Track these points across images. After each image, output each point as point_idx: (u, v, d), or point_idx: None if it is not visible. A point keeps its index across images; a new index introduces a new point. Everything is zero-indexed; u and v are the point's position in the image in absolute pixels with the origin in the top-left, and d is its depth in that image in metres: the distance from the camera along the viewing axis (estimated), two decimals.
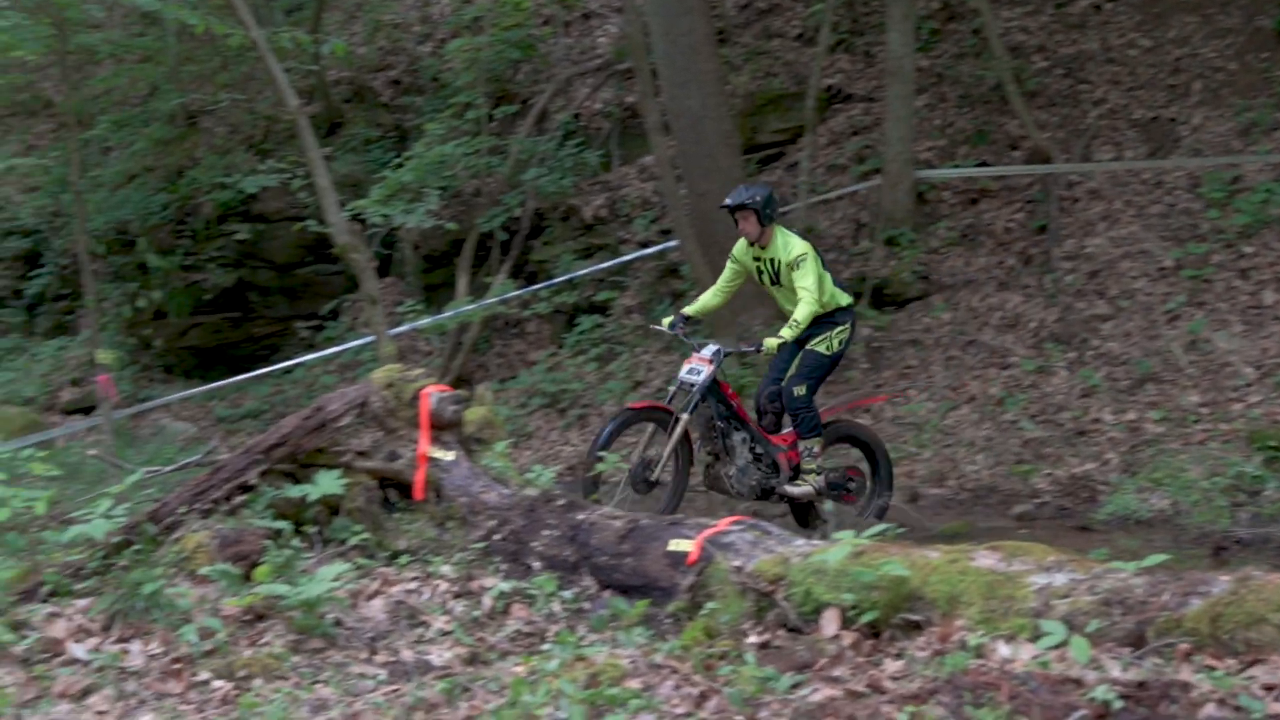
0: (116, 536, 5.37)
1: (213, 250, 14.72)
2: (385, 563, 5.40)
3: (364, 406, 5.75)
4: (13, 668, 4.75)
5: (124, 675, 4.63)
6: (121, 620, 4.97)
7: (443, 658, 4.61)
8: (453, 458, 5.61)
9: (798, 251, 8.16)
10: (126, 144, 15.70)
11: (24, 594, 5.27)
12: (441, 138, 12.07)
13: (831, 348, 8.35)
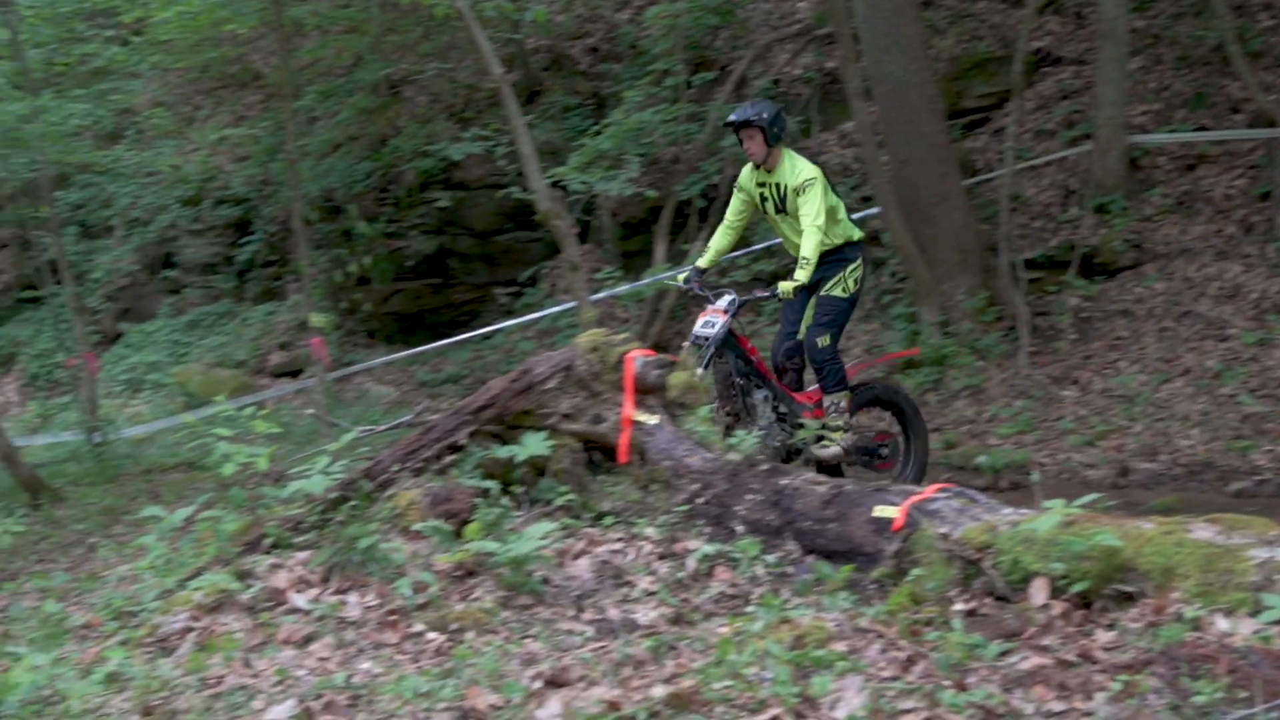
0: (334, 492, 5.57)
1: (414, 218, 15.01)
2: (590, 523, 5.49)
3: (569, 370, 5.84)
4: (240, 615, 4.97)
5: (343, 625, 4.81)
6: (339, 572, 5.15)
7: (648, 617, 4.68)
8: (656, 422, 5.67)
9: (805, 175, 7.57)
10: (332, 114, 16.08)
11: (248, 545, 5.51)
12: (640, 105, 12.13)
13: (848, 289, 7.85)
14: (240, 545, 5.54)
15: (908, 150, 10.52)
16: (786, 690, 3.63)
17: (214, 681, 4.43)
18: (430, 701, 4.04)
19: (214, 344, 16.47)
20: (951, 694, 3.53)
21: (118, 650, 4.84)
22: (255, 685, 4.38)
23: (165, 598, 5.27)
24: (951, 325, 10.05)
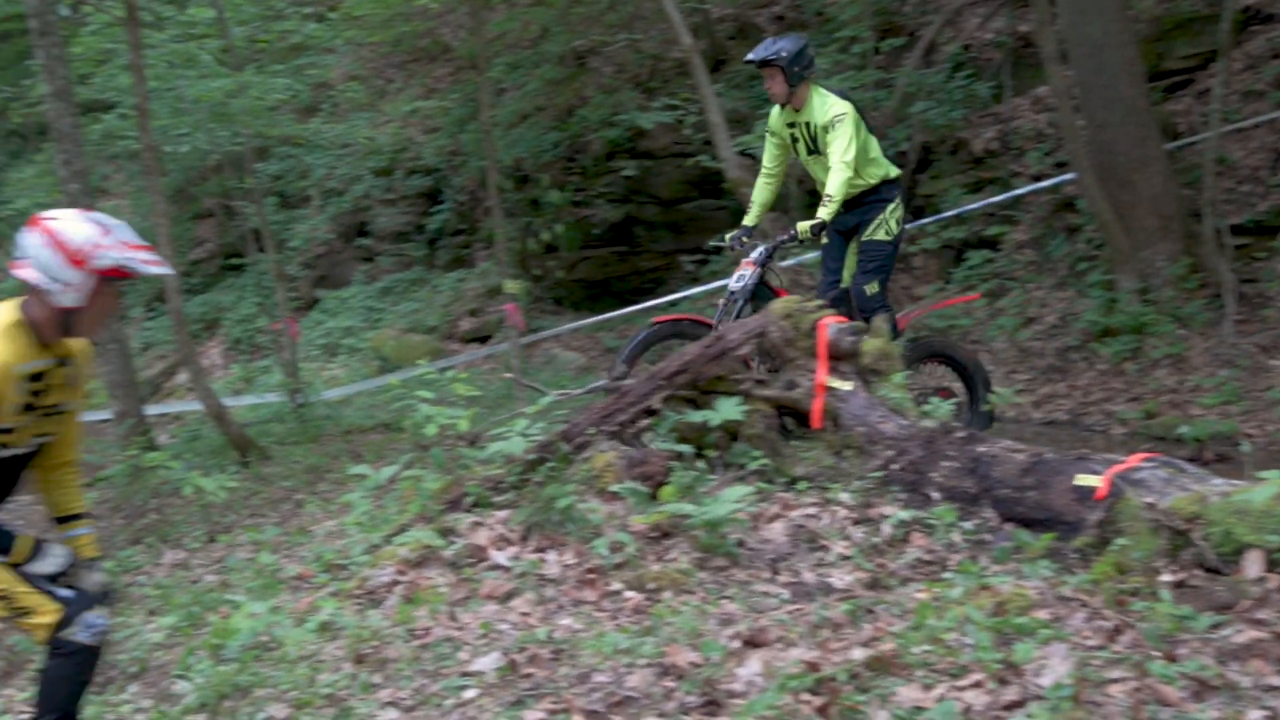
0: (532, 454, 5.69)
1: (601, 186, 15.13)
2: (784, 488, 5.52)
3: (762, 336, 5.88)
4: (443, 570, 5.12)
5: (542, 582, 4.92)
6: (538, 531, 5.26)
7: (844, 581, 4.70)
8: (850, 388, 5.66)
9: (835, 111, 7.12)
10: (520, 85, 16.31)
11: (449, 504, 5.66)
12: (826, 73, 12.05)
13: (891, 231, 7.42)
14: (442, 503, 5.69)
15: (1105, 114, 10.24)
16: (989, 656, 3.63)
17: (421, 633, 4.58)
18: (630, 657, 4.13)
19: (406, 310, 16.82)
20: (1161, 665, 3.48)
21: (329, 601, 5.03)
22: (461, 637, 4.51)
23: (372, 552, 5.45)
24: (1151, 293, 9.76)
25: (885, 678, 3.70)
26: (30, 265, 3.77)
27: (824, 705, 3.55)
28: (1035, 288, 10.93)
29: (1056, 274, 10.48)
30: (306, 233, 18.49)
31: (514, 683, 4.10)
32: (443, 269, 17.57)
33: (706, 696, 3.82)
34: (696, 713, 3.76)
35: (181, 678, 4.90)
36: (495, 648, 4.38)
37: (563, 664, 4.20)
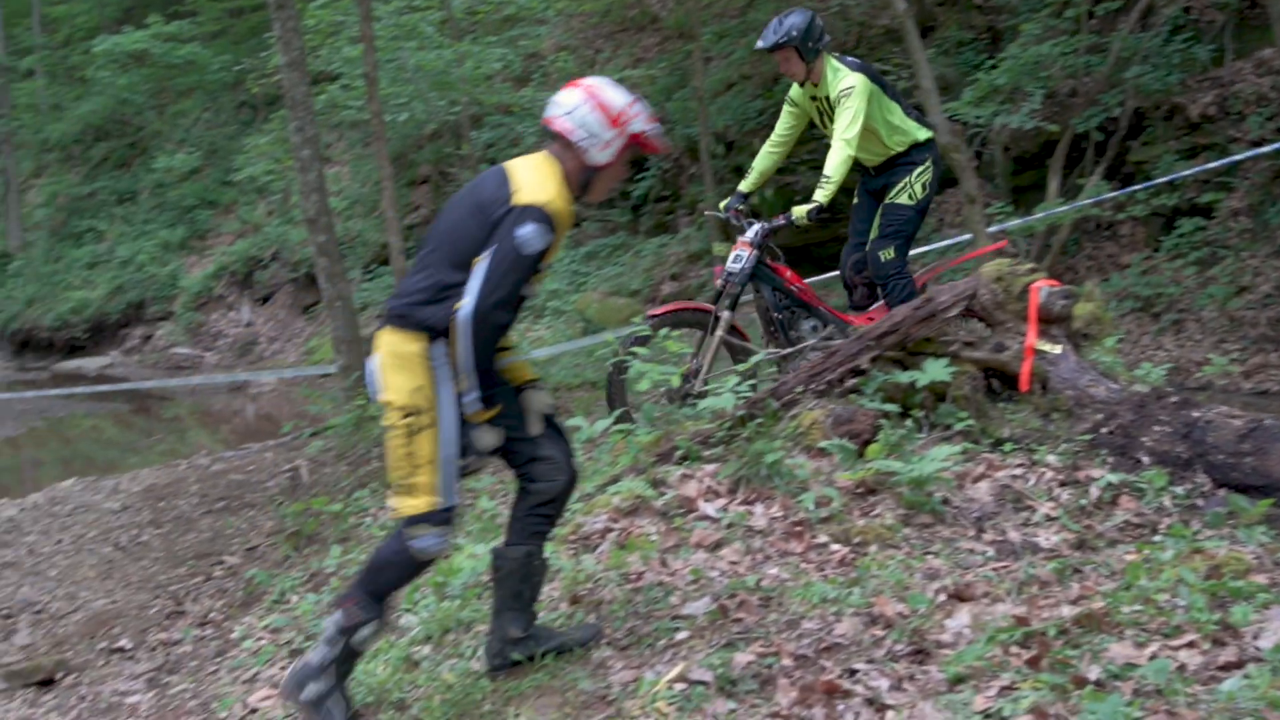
0: (741, 410, 5.77)
1: (804, 154, 15.06)
2: (990, 449, 5.50)
3: (972, 298, 5.87)
4: (654, 519, 5.23)
5: (750, 533, 5.00)
6: (745, 485, 5.34)
7: (1050, 541, 4.68)
8: (1060, 351, 5.62)
9: (844, 84, 6.80)
10: (726, 54, 16.36)
11: (660, 456, 5.77)
12: (1037, 38, 11.84)
13: (914, 196, 7.05)
14: (653, 456, 5.81)
15: None
16: (1204, 617, 3.61)
17: (634, 577, 4.70)
18: (838, 606, 4.19)
19: (610, 274, 17.01)
20: None
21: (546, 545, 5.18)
22: (672, 583, 4.62)
23: (585, 501, 5.59)
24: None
25: (1095, 634, 3.70)
26: (569, 121, 4.04)
27: (1034, 658, 3.57)
28: (1250, 256, 10.59)
29: (1274, 242, 10.14)
30: None
31: (724, 626, 4.19)
32: (645, 234, 17.70)
33: (915, 645, 3.87)
34: (905, 660, 3.81)
35: (408, 612, 5.11)
36: (705, 593, 4.48)
37: (771, 611, 4.28)
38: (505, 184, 4.00)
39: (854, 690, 3.66)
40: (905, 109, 7.10)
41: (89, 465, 13.56)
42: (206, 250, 24.94)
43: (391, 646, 4.78)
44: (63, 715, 5.81)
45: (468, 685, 4.25)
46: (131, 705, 5.68)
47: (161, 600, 7.17)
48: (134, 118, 28.92)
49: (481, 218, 3.98)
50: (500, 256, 3.90)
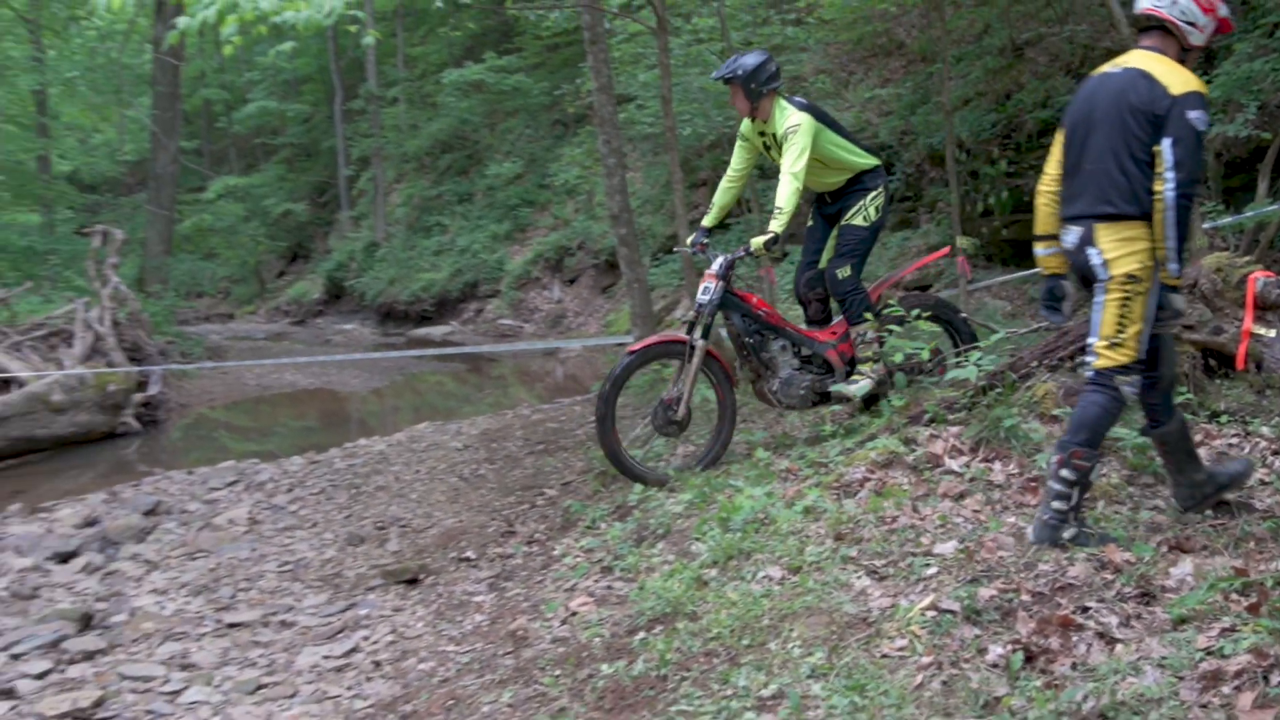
0: (983, 381, 5.62)
1: (1033, 160, 14.59)
2: (1207, 420, 5.25)
3: (1193, 286, 5.58)
4: (905, 471, 5.13)
5: (990, 486, 4.87)
6: (985, 445, 5.20)
7: (1264, 503, 4.44)
8: (1274, 335, 5.32)
9: (790, 122, 6.36)
10: (962, 75, 15.92)
11: (911, 418, 5.67)
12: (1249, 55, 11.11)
13: (869, 218, 6.59)
14: (904, 418, 5.71)
15: None
16: None
17: (889, 520, 4.63)
18: (1071, 552, 4.05)
19: None
20: None
21: (813, 490, 5.14)
22: (922, 525, 4.53)
23: (846, 454, 5.53)
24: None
25: None
26: (1173, 10, 4.11)
27: (1253, 605, 3.37)
28: None
29: None
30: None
31: (969, 565, 4.09)
32: (889, 229, 17.41)
33: (1141, 589, 3.71)
34: (1133, 601, 3.65)
35: (698, 540, 5.14)
36: (952, 536, 4.38)
37: (1011, 554, 4.16)
38: (1154, 83, 4.03)
39: (1086, 624, 3.53)
40: (853, 141, 6.72)
41: (434, 412, 14.08)
42: (526, 240, 25.59)
43: (685, 568, 4.82)
44: (426, 607, 6.06)
45: (749, 603, 4.25)
46: (478, 603, 5.87)
47: (496, 522, 7.39)
48: (471, 134, 29.84)
49: (1141, 117, 4.04)
50: (1185, 142, 3.94)
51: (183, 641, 5.96)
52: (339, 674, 5.28)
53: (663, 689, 3.87)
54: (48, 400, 12.83)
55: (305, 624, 6.10)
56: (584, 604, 5.02)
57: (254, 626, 6.14)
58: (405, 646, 5.47)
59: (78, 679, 5.49)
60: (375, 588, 6.58)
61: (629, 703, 3.86)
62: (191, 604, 6.62)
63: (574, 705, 3.98)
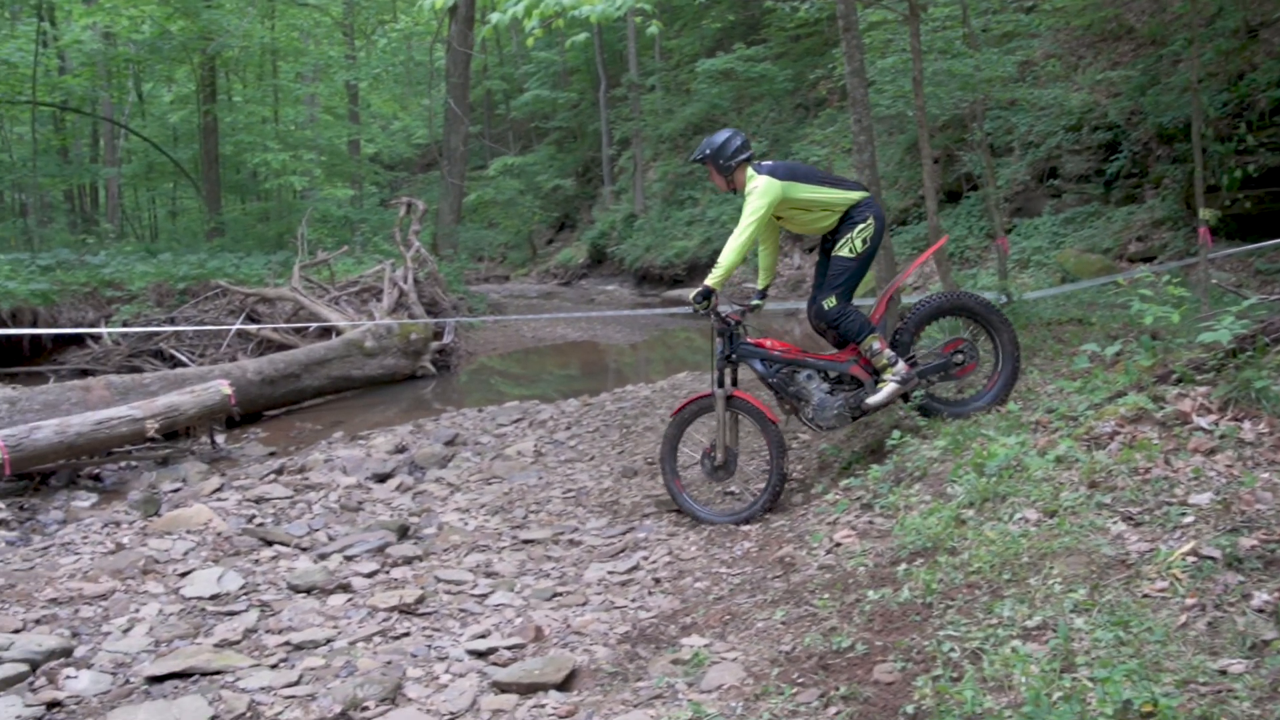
0: (1232, 344, 5.25)
1: (1264, 138, 13.55)
2: None
3: None
4: (1154, 427, 4.85)
5: (1240, 444, 4.55)
6: (1234, 405, 4.85)
7: None
8: None
9: (751, 185, 6.14)
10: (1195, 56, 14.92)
11: (1159, 378, 5.35)
12: None
13: (855, 250, 6.21)
14: (1152, 377, 5.39)
15: None
16: None
17: (1142, 470, 4.39)
18: None
19: (1084, 235, 16.03)
20: None
21: (1065, 440, 4.92)
22: (1175, 477, 4.28)
23: (1095, 409, 5.27)
24: None
25: None
26: None
27: None
28: None
29: None
30: (1008, 175, 17.97)
31: (1227, 515, 3.84)
32: (1115, 204, 16.52)
33: None
34: None
35: (953, 483, 5.01)
36: (1207, 488, 4.12)
37: (1269, 507, 3.88)
38: None
39: None
40: (833, 183, 6.35)
41: (684, 364, 14.20)
42: None
43: (942, 508, 4.70)
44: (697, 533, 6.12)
45: (1007, 542, 4.11)
46: (744, 532, 5.91)
47: (755, 461, 7.38)
48: (720, 117, 29.79)
49: None
50: None
51: (485, 553, 6.20)
52: (623, 587, 5.39)
53: (928, 615, 3.79)
54: (361, 346, 13.53)
55: (590, 543, 6.25)
56: (847, 536, 4.97)
57: (545, 544, 6.33)
58: (681, 567, 5.54)
59: (400, 579, 5.79)
60: (650, 515, 6.68)
61: (896, 626, 3.79)
62: (490, 522, 6.87)
63: (844, 625, 3.95)
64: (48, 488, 8.51)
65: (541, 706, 3.93)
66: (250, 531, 6.82)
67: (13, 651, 4.85)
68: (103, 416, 8.81)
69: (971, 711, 3.03)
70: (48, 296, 15.09)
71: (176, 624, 5.26)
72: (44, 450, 8.31)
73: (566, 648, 4.56)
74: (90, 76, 25.97)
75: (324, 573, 5.89)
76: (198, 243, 24.12)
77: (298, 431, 10.99)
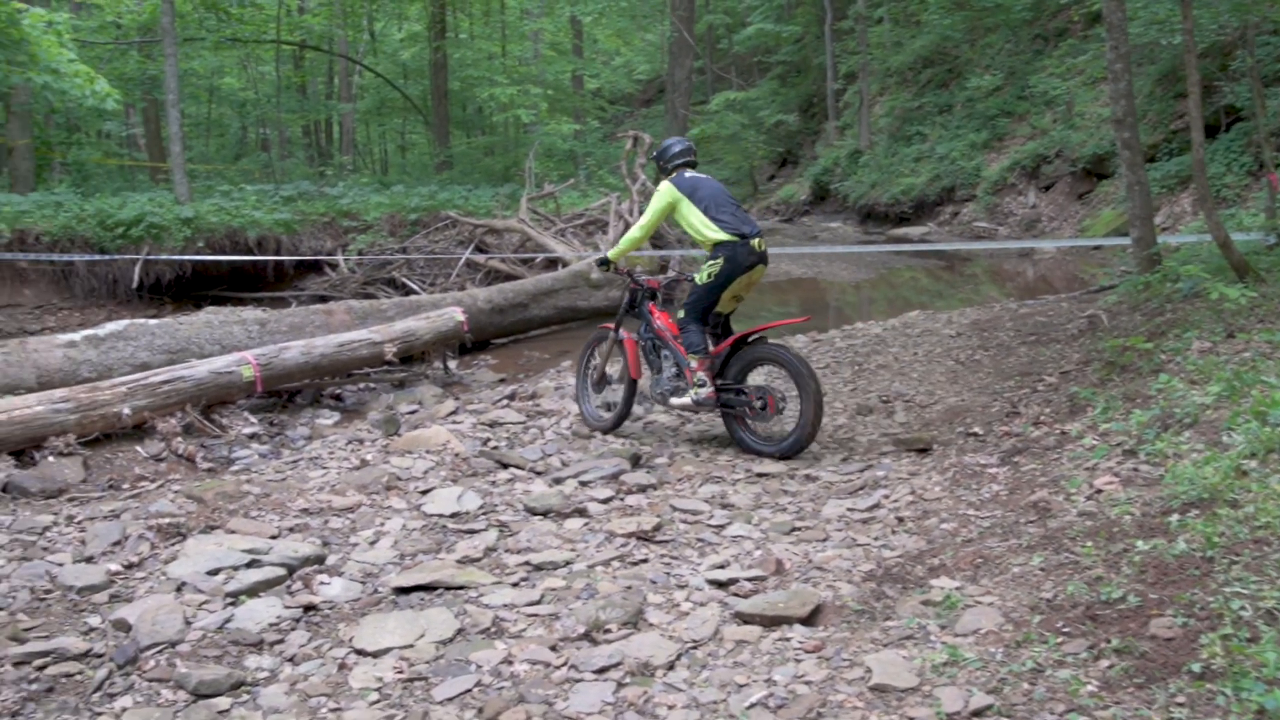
0: None
1: None
2: None
3: None
4: None
5: None
6: None
7: None
8: None
9: (657, 187, 7.30)
10: None
11: None
12: None
13: (703, 278, 6.98)
14: None
15: None
16: None
17: None
18: None
19: None
20: None
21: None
22: None
23: None
24: None
25: None
26: None
27: None
28: None
29: None
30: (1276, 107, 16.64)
31: None
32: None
33: None
34: None
35: (1230, 430, 4.66)
36: None
37: None
38: None
39: None
40: (716, 217, 6.99)
41: (909, 305, 13.80)
42: (1003, 149, 24.34)
43: (1218, 458, 4.38)
44: (941, 474, 5.93)
45: None
46: (991, 474, 5.67)
47: (999, 403, 7.11)
48: (952, 49, 28.70)
49: None
50: None
51: (719, 485, 6.19)
52: (865, 525, 5.28)
53: (1209, 570, 3.53)
54: (588, 278, 13.72)
55: (827, 479, 6.15)
56: (1109, 483, 4.70)
57: (780, 478, 6.27)
58: (925, 507, 5.37)
59: (635, 506, 5.84)
60: (888, 453, 6.52)
61: (1173, 579, 3.56)
62: (721, 455, 6.86)
63: (1111, 575, 3.73)
64: (294, 405, 9.00)
65: (786, 640, 3.88)
66: (486, 454, 7.02)
67: (271, 556, 5.15)
68: (344, 339, 9.24)
69: (1274, 675, 2.80)
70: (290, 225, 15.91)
71: (419, 539, 5.46)
72: (291, 370, 8.78)
73: (809, 583, 4.49)
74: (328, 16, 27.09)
75: (559, 497, 6.01)
76: (427, 175, 24.97)
77: (525, 359, 11.27)
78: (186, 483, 6.76)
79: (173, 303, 14.09)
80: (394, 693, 3.72)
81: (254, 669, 3.97)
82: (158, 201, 15.67)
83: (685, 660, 3.81)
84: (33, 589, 4.85)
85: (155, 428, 7.69)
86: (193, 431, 7.88)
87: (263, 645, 4.20)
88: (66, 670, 4.00)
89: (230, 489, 6.35)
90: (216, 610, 4.53)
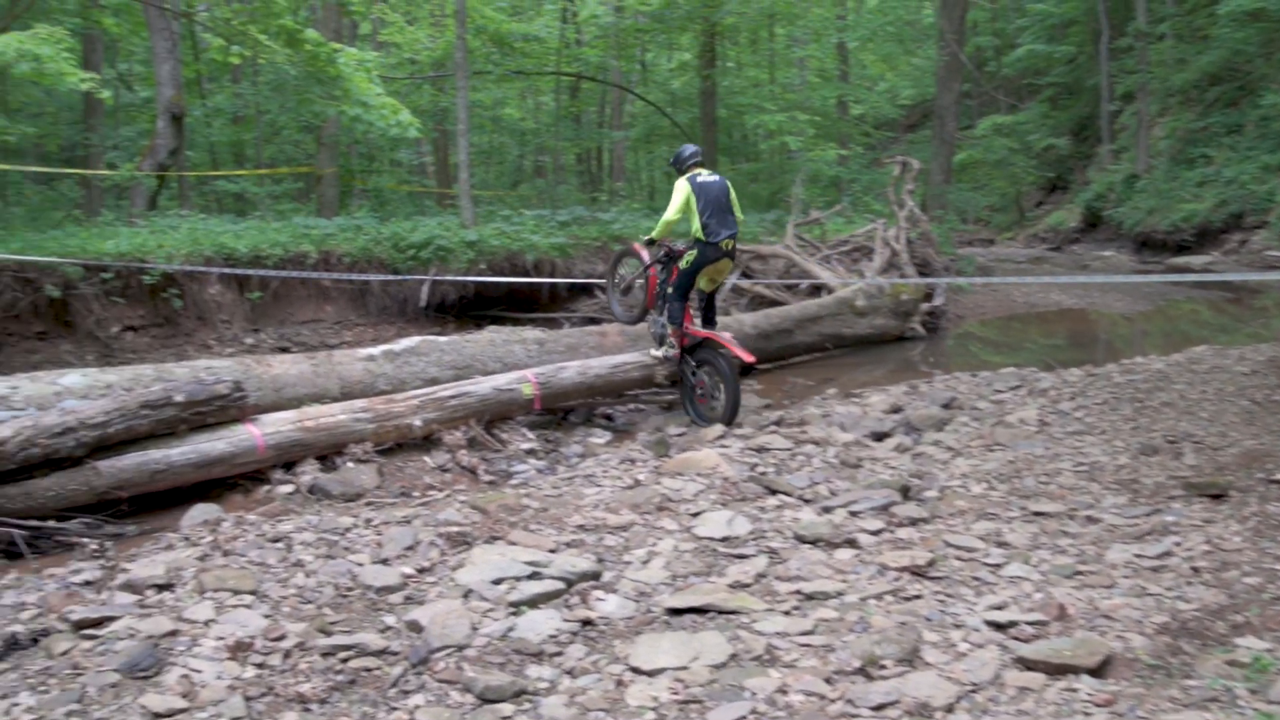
0: None
1: None
2: None
3: None
4: None
5: None
6: None
7: None
8: None
9: (674, 185, 8.92)
10: None
11: None
12: None
13: (684, 264, 8.96)
14: None
15: None
16: None
17: None
18: None
19: None
20: None
21: None
22: None
23: None
24: None
25: None
26: None
27: None
28: None
29: None
30: None
31: None
32: None
33: None
34: None
35: None
36: None
37: None
38: None
39: None
40: (703, 222, 8.78)
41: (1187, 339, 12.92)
42: None
43: None
44: (1240, 523, 5.49)
45: None
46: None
47: None
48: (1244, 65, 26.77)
49: None
50: None
51: (994, 521, 5.95)
52: (1155, 574, 4.95)
53: None
54: (853, 304, 13.56)
55: (1110, 522, 5.81)
56: None
57: (1059, 518, 5.96)
58: (1224, 558, 4.99)
59: (906, 540, 5.69)
60: (1177, 497, 6.10)
61: None
62: (995, 490, 6.60)
63: None
64: (568, 423, 9.27)
65: (1073, 690, 3.69)
66: (755, 479, 7.02)
67: (551, 569, 5.31)
68: (617, 361, 9.47)
69: None
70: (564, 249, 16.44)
71: (691, 561, 5.50)
72: (568, 389, 9.08)
73: (1095, 631, 4.25)
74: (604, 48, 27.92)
75: (829, 526, 5.93)
76: None
77: (790, 385, 11.22)
78: (470, 493, 7.08)
79: (455, 321, 14.80)
80: (670, 713, 3.75)
81: (534, 678, 4.09)
82: (445, 225, 16.52)
83: (965, 704, 3.67)
84: (336, 585, 5.17)
85: (442, 439, 8.11)
86: (475, 445, 8.26)
87: (542, 656, 4.32)
88: (366, 665, 4.24)
89: (511, 502, 6.60)
90: (500, 618, 4.70)
